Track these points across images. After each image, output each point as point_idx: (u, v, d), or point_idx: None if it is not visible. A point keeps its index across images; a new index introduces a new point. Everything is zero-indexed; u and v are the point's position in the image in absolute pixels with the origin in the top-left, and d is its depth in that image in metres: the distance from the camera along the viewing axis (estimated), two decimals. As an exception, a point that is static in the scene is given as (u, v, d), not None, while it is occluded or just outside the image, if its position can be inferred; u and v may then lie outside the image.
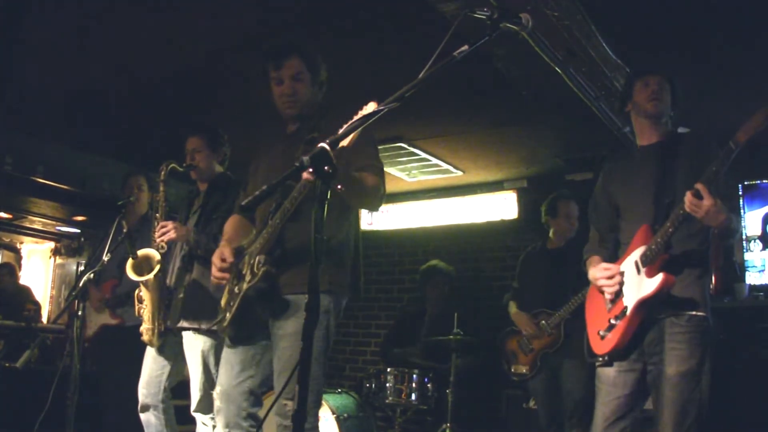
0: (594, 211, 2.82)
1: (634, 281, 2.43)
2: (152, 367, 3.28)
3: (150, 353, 3.30)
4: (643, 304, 2.38)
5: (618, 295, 2.49)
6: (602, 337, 2.49)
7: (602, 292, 2.55)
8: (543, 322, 4.01)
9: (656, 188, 2.48)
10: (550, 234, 4.26)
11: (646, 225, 2.46)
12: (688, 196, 2.25)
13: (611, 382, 2.46)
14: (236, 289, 2.42)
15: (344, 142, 1.65)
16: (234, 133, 3.51)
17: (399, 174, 5.82)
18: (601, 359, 2.49)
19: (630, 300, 2.42)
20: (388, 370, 4.36)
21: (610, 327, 2.46)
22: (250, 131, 3.62)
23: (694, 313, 2.37)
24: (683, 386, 2.31)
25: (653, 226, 2.43)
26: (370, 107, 1.75)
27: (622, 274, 2.48)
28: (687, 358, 2.32)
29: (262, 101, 2.72)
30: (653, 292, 2.33)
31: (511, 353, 4.22)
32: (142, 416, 3.26)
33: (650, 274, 2.36)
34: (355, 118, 1.80)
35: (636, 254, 2.45)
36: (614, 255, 2.63)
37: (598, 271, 2.56)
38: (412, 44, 3.21)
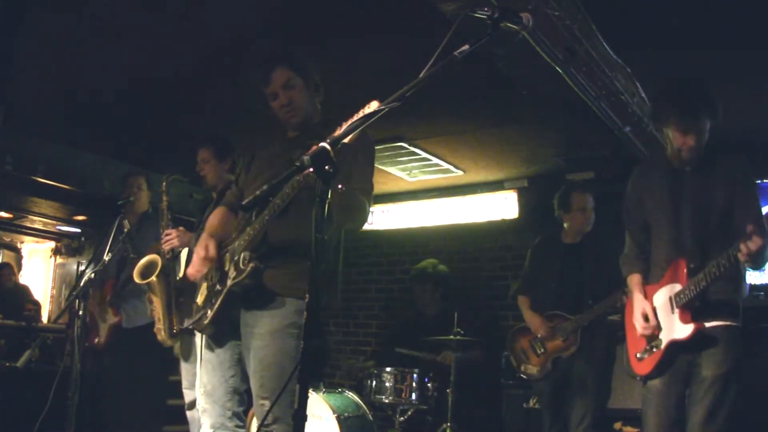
0: (628, 216, 2.87)
1: (668, 318, 2.59)
2: (187, 368, 3.29)
3: (181, 361, 3.33)
4: (675, 344, 2.55)
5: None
6: (640, 359, 2.68)
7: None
8: (558, 326, 3.84)
9: (692, 220, 2.58)
10: (565, 227, 4.01)
11: (684, 261, 2.56)
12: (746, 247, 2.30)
13: (659, 393, 2.62)
14: (218, 286, 2.38)
15: (345, 140, 1.64)
16: (232, 133, 3.52)
17: (399, 174, 5.81)
18: (639, 378, 2.71)
19: (664, 336, 2.59)
20: (388, 369, 4.35)
21: (646, 351, 2.65)
22: (248, 131, 3.62)
23: (730, 323, 2.55)
24: (716, 388, 2.46)
25: (689, 265, 2.53)
26: (373, 106, 1.74)
27: (656, 314, 2.62)
28: (723, 362, 2.49)
29: (261, 101, 2.71)
30: (686, 338, 2.50)
31: (522, 352, 4.06)
32: (189, 413, 3.31)
33: (683, 320, 2.52)
34: (356, 117, 1.79)
35: (670, 289, 2.58)
36: (648, 268, 2.74)
37: (638, 308, 2.67)
38: (412, 44, 3.21)
